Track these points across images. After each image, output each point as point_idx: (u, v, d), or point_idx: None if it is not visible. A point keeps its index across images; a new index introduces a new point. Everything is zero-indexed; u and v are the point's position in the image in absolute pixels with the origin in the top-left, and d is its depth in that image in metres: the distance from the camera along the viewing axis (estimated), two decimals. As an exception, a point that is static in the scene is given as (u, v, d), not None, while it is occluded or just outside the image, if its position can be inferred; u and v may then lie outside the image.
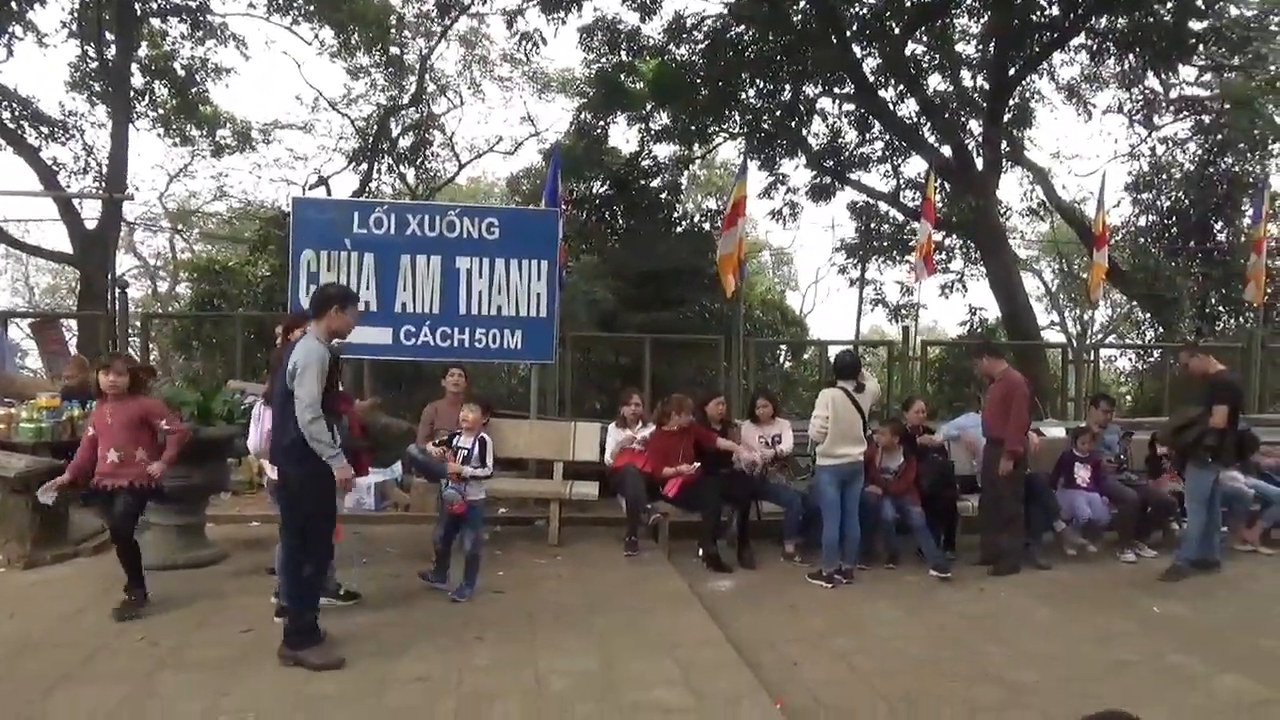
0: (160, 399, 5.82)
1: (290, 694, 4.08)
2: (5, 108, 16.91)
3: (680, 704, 4.10)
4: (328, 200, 14.76)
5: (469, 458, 5.72)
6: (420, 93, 20.21)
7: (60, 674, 4.22)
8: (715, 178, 24.37)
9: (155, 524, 6.31)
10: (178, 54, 18.94)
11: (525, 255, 7.79)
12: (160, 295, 28.33)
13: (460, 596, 5.62)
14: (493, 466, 5.89)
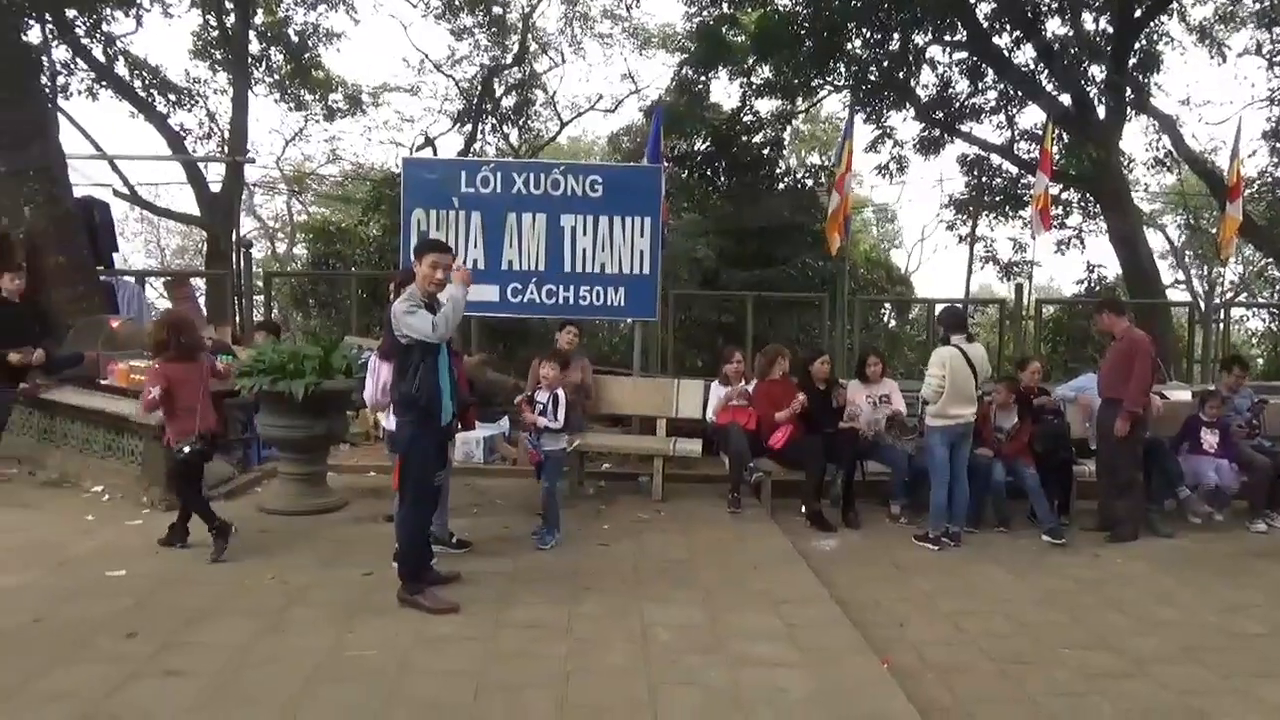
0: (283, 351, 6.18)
1: (409, 634, 4.28)
2: (137, 77, 17.80)
3: (786, 659, 4.12)
4: (437, 160, 15.06)
5: (544, 411, 5.83)
6: (523, 52, 20.36)
7: (200, 607, 4.53)
8: (819, 132, 23.84)
9: (282, 472, 6.67)
10: (291, 20, 19.52)
11: (629, 212, 7.80)
12: (278, 256, 29.59)
13: (543, 545, 5.77)
14: (565, 420, 5.94)
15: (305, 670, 3.82)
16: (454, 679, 3.80)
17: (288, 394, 6.10)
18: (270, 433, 6.56)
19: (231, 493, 6.87)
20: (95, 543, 5.60)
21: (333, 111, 22.41)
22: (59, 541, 5.57)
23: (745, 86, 15.76)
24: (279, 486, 6.70)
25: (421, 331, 4.56)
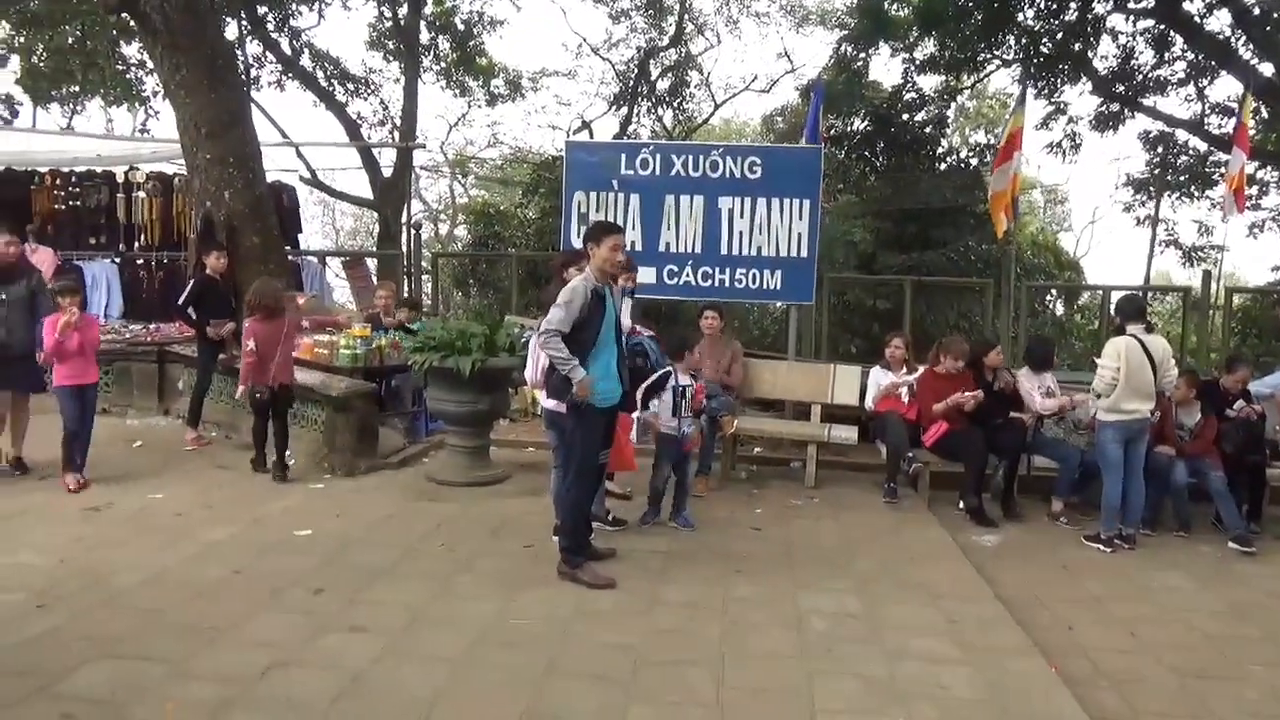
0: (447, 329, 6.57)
1: (569, 606, 4.43)
2: (319, 68, 18.96)
3: (948, 655, 4.02)
4: (598, 143, 15.35)
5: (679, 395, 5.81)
6: (679, 33, 20.37)
7: (377, 569, 4.83)
8: (986, 109, 22.75)
9: (449, 445, 7.01)
10: (458, 9, 20.26)
11: (787, 194, 7.72)
12: (441, 237, 30.91)
13: (643, 523, 5.84)
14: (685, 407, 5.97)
15: (472, 634, 4.03)
16: (614, 652, 3.91)
17: (455, 370, 6.40)
18: (438, 407, 6.89)
19: (402, 462, 7.28)
20: (284, 504, 6.06)
21: (494, 97, 23.14)
22: (253, 501, 6.06)
23: (907, 62, 15.22)
24: (445, 458, 7.05)
25: (548, 324, 4.67)
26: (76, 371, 6.23)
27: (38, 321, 6.30)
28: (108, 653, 3.68)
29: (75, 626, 3.94)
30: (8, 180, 11.22)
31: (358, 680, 3.54)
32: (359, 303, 11.52)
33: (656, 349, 5.47)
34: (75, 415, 6.22)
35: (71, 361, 6.20)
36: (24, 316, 6.38)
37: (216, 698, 3.34)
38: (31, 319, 6.37)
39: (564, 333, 4.67)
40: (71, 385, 6.22)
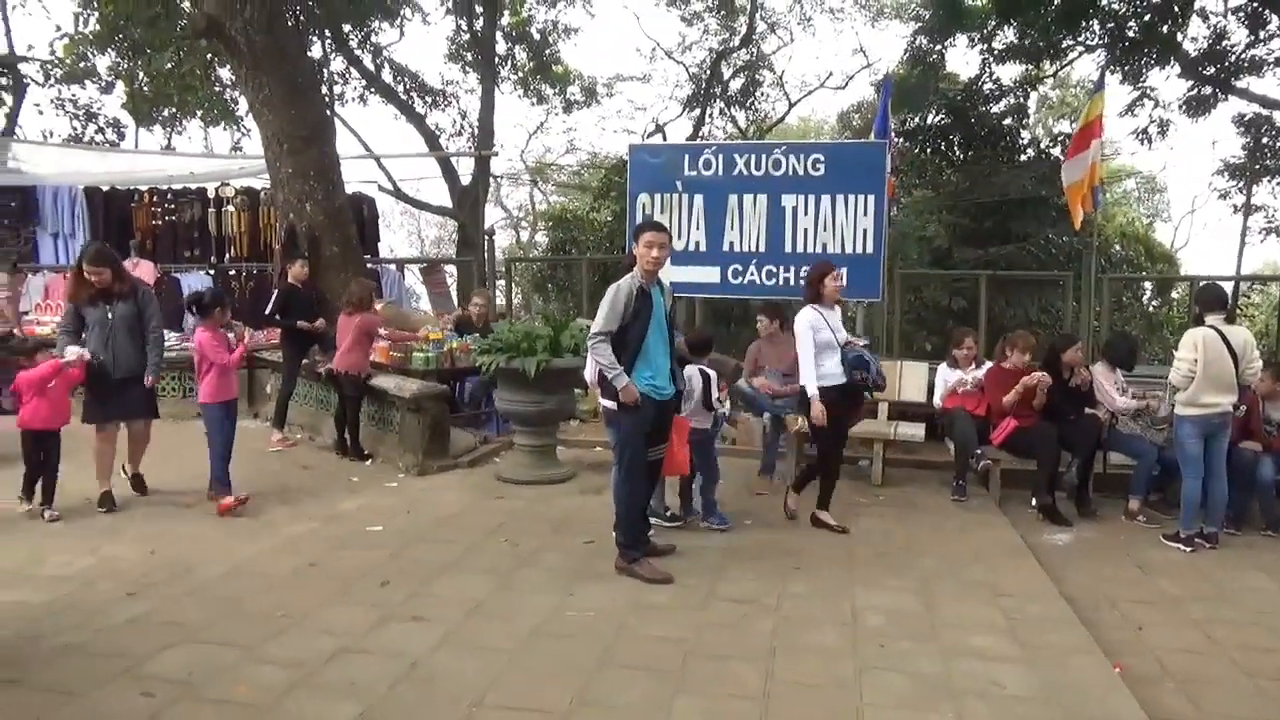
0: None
1: (625, 600, 4.50)
2: (399, 82, 19.56)
3: (1004, 653, 3.96)
4: (661, 145, 15.43)
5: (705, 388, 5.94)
6: (750, 33, 20.32)
7: (443, 563, 5.00)
8: (1070, 98, 22.01)
9: (517, 444, 7.18)
10: (534, 19, 20.64)
11: (851, 190, 7.64)
12: (522, 243, 31.48)
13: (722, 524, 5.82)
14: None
15: (530, 625, 4.14)
16: (665, 644, 3.97)
17: (521, 370, 6.56)
18: (506, 407, 7.06)
19: (473, 462, 7.48)
20: (359, 501, 6.31)
21: (570, 104, 23.51)
22: (332, 499, 6.32)
23: (985, 53, 14.85)
24: (514, 457, 7.22)
25: (595, 328, 4.79)
26: (227, 386, 6.20)
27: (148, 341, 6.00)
28: (188, 638, 3.91)
29: (160, 613, 4.20)
30: (113, 198, 11.94)
31: (416, 667, 3.68)
32: (436, 308, 11.85)
33: (874, 358, 5.71)
34: (230, 432, 6.16)
35: (227, 376, 6.16)
36: (132, 337, 5.92)
37: (285, 680, 3.53)
38: (140, 339, 5.96)
39: (611, 333, 4.77)
40: (226, 401, 6.18)
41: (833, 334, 5.60)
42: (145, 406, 6.12)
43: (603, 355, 4.78)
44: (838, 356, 5.56)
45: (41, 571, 4.74)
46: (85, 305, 5.89)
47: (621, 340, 4.79)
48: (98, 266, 5.83)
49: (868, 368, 5.57)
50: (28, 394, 5.69)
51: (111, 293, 5.90)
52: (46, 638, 3.88)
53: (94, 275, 5.83)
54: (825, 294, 5.65)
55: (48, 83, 17.85)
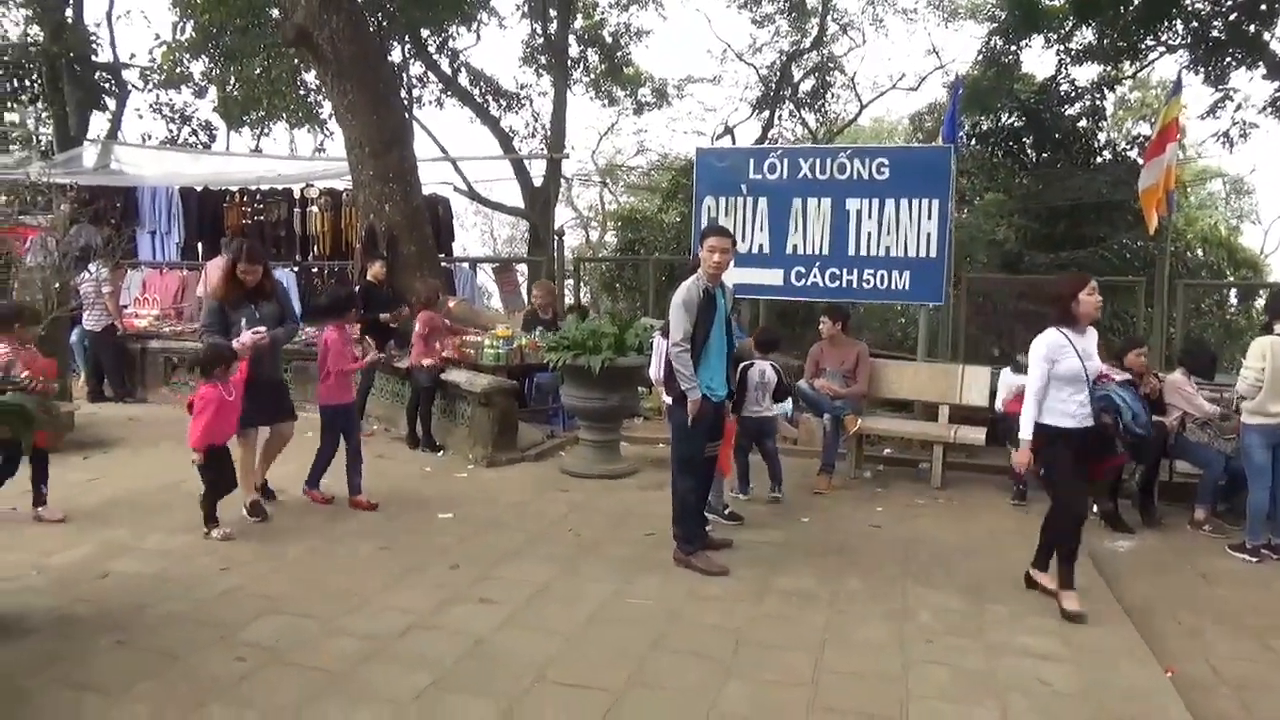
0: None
1: (682, 590, 4.68)
2: (474, 85, 20.05)
3: (1052, 652, 4.02)
4: (726, 149, 15.56)
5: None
6: (821, 34, 20.28)
7: (508, 550, 5.25)
8: (1150, 99, 21.40)
9: (582, 439, 7.41)
10: (606, 22, 20.93)
11: (916, 194, 7.69)
12: (592, 243, 31.86)
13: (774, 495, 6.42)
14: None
15: (589, 610, 4.35)
16: (717, 633, 4.14)
17: (586, 367, 6.78)
18: (571, 402, 7.30)
19: (540, 455, 7.73)
20: (430, 490, 6.61)
21: (641, 105, 23.75)
22: (405, 487, 6.63)
23: (1062, 53, 14.60)
24: (579, 451, 7.45)
25: (675, 335, 4.92)
26: (346, 388, 6.15)
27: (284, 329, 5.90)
28: (275, 609, 4.23)
29: (250, 586, 4.53)
30: (206, 198, 12.59)
31: (480, 644, 3.92)
32: (507, 306, 12.19)
33: (1134, 398, 4.61)
34: (353, 435, 6.07)
35: (346, 379, 6.11)
36: (274, 339, 5.81)
37: (361, 651, 3.80)
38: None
39: (690, 334, 4.93)
40: (347, 403, 6.16)
41: (1082, 364, 4.48)
42: (287, 409, 5.93)
43: (685, 365, 4.91)
44: (1085, 393, 4.50)
45: (146, 545, 5.13)
46: (231, 305, 5.70)
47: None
48: (252, 265, 5.70)
49: (1119, 412, 4.50)
50: (204, 409, 5.20)
51: (259, 292, 5.77)
52: (152, 605, 4.24)
53: (248, 274, 5.69)
54: (1080, 313, 4.55)
55: (147, 88, 18.82)
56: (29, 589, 4.42)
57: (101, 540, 5.20)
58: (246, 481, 5.67)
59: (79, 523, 5.51)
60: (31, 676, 3.50)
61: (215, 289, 5.83)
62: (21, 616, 4.05)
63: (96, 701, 3.33)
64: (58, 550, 4.99)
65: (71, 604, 4.24)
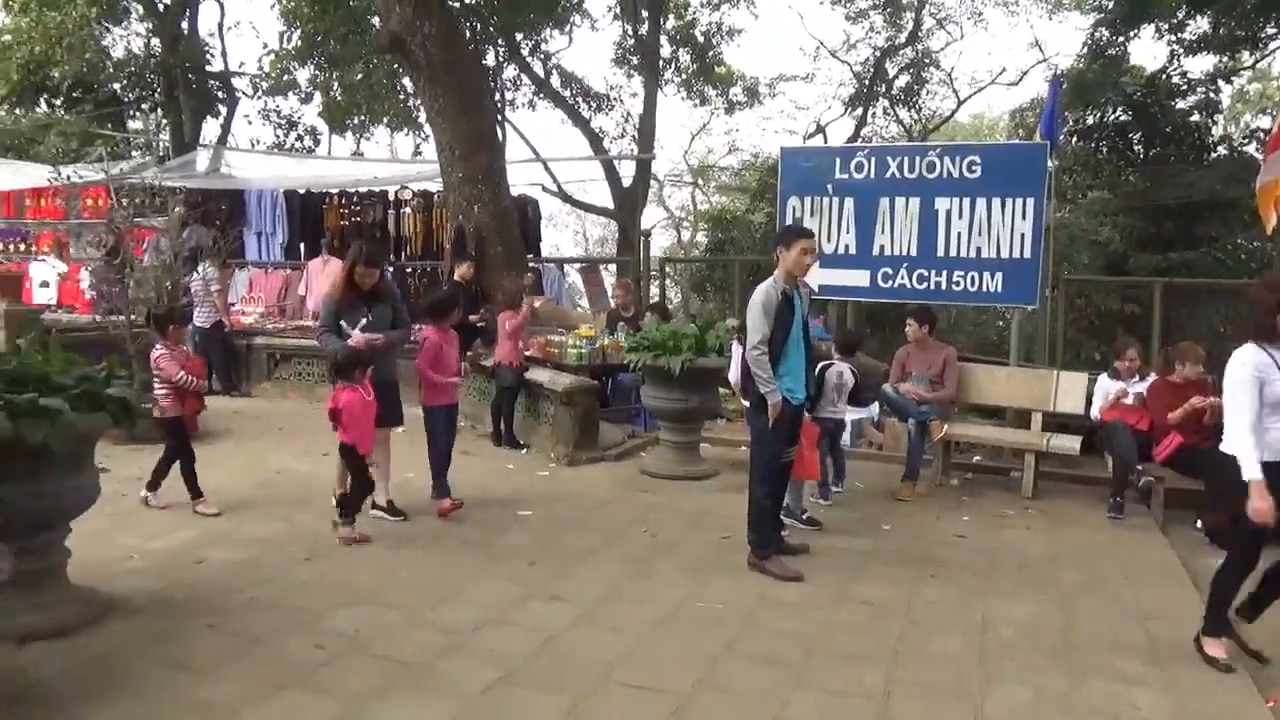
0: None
1: (755, 594, 4.65)
2: (566, 87, 20.30)
3: (1141, 676, 3.84)
4: (812, 148, 15.36)
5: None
6: (917, 29, 19.81)
7: (585, 549, 5.30)
8: (1271, 91, 20.16)
9: (662, 440, 7.42)
10: (698, 22, 20.90)
11: (1009, 193, 7.43)
12: (682, 243, 31.88)
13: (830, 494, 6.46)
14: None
15: (660, 612, 4.36)
16: (789, 639, 4.10)
17: (666, 368, 6.79)
18: (651, 403, 7.32)
19: (620, 455, 7.78)
20: (512, 486, 6.72)
21: (732, 105, 23.62)
22: (488, 484, 6.75)
23: (1174, 44, 13.89)
24: (659, 452, 7.46)
25: (755, 336, 4.87)
26: (450, 389, 6.15)
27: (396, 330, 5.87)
28: (357, 600, 4.37)
29: (334, 577, 4.69)
30: (308, 200, 13.10)
31: (552, 641, 3.98)
32: (594, 306, 12.30)
33: None
34: (451, 437, 6.15)
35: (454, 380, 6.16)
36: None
37: (435, 644, 3.90)
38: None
39: (769, 336, 4.89)
40: (448, 405, 6.15)
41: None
42: (396, 416, 5.87)
43: (764, 368, 4.86)
44: None
45: (241, 533, 5.37)
46: (347, 307, 5.68)
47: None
48: (370, 268, 5.69)
49: None
50: (354, 416, 5.23)
51: (373, 294, 5.74)
52: (242, 591, 4.44)
53: (366, 277, 5.67)
54: None
55: (256, 95, 19.68)
56: (134, 572, 4.68)
57: (201, 527, 5.47)
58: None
59: (182, 510, 5.80)
60: (133, 654, 3.71)
61: (333, 290, 5.82)
62: (127, 598, 4.29)
63: (187, 680, 3.51)
64: (161, 535, 5.27)
65: (171, 587, 4.47)
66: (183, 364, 5.82)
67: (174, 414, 5.79)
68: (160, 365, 5.72)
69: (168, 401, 5.77)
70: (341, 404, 5.21)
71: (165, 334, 5.93)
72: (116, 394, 3.88)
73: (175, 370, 5.70)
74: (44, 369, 3.84)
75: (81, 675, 3.51)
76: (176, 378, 5.70)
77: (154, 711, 3.27)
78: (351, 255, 5.84)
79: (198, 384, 5.86)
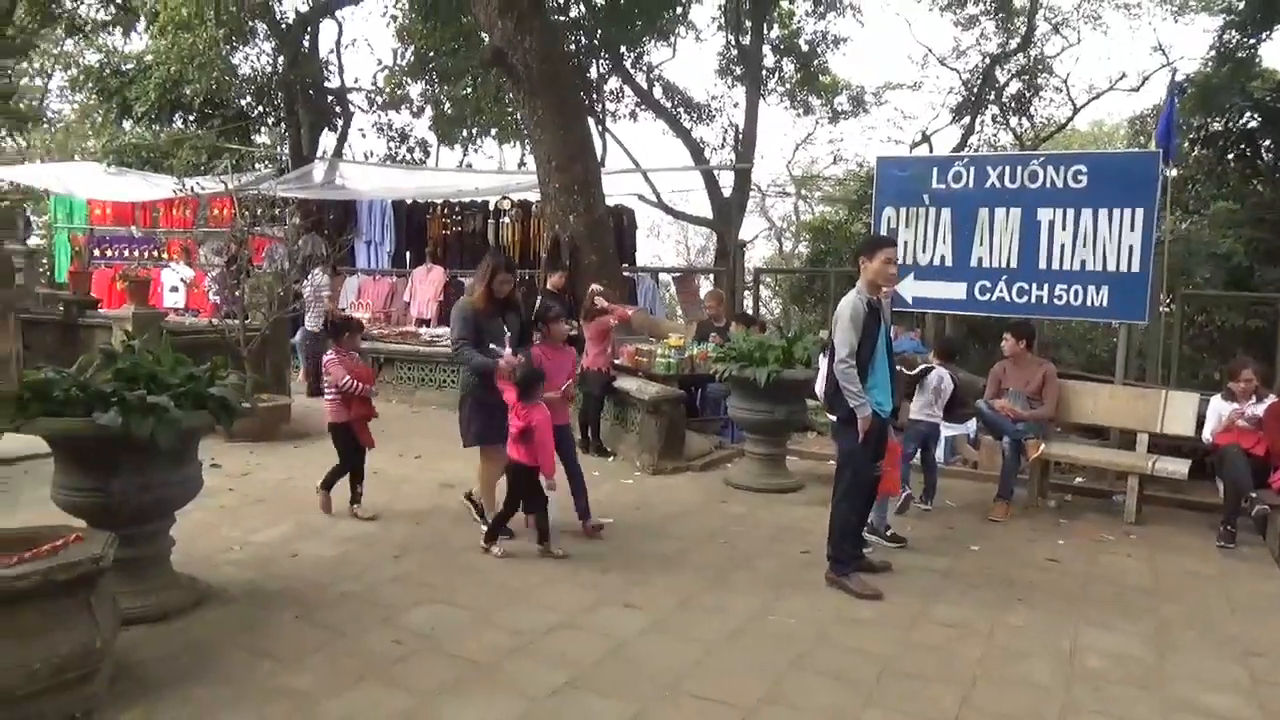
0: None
1: (830, 611, 4.58)
2: (667, 98, 20.42)
3: (1239, 716, 3.62)
4: (909, 157, 15.03)
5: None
6: (1030, 34, 19.14)
7: (661, 557, 5.33)
8: None
9: (747, 452, 7.38)
10: (802, 30, 20.71)
11: (1117, 204, 7.09)
12: (784, 254, 31.58)
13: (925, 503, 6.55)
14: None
15: (733, 624, 4.34)
16: (862, 657, 4.03)
17: (752, 379, 6.76)
18: (737, 414, 7.30)
19: (705, 465, 7.77)
20: (596, 494, 6.71)
21: (836, 114, 23.27)
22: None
23: (1313, 44, 12.98)
24: (744, 464, 7.43)
25: (844, 349, 4.80)
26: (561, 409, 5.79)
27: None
28: (436, 598, 4.51)
29: (417, 576, 4.85)
30: (413, 210, 13.58)
31: (621, 648, 4.01)
32: (687, 316, 12.33)
33: None
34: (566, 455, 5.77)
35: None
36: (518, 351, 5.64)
37: (507, 645, 3.99)
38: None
39: (856, 349, 4.82)
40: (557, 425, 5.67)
41: None
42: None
43: (853, 381, 4.79)
44: None
45: (334, 530, 5.61)
46: (485, 318, 5.53)
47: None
48: (509, 275, 5.59)
49: None
50: (544, 435, 5.15)
51: (506, 303, 5.64)
52: (330, 585, 4.64)
53: (505, 284, 5.55)
54: None
55: (370, 109, 20.49)
56: (234, 562, 4.94)
57: (298, 522, 5.73)
58: (491, 496, 5.62)
59: (281, 504, 6.10)
60: (224, 640, 3.93)
61: (475, 301, 5.54)
62: (224, 587, 4.54)
63: (272, 667, 3.69)
64: (261, 529, 5.56)
65: (265, 578, 4.71)
66: (350, 369, 5.83)
67: (340, 419, 5.82)
68: (329, 370, 5.80)
69: (335, 406, 5.82)
70: (535, 423, 5.07)
71: (340, 340, 5.97)
72: (217, 393, 4.11)
73: (342, 375, 5.73)
74: (154, 368, 4.10)
75: (176, 658, 3.74)
76: (342, 382, 5.73)
77: (240, 695, 3.46)
78: (490, 264, 5.63)
79: (363, 389, 5.83)
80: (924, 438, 6.74)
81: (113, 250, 15.46)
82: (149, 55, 17.93)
